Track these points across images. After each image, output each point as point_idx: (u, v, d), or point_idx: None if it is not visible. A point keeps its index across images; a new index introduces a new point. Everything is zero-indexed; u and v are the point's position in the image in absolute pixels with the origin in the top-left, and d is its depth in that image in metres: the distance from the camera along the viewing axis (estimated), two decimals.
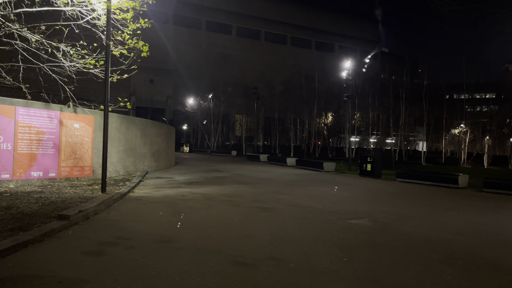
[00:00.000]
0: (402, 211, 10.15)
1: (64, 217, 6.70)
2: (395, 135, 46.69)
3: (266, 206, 10.02)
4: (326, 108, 51.70)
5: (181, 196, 11.09)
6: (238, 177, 18.13)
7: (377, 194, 13.83)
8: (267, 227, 7.52)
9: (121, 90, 47.74)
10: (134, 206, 9.24)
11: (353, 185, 16.73)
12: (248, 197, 11.55)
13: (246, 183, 15.52)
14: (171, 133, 23.09)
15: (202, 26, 68.79)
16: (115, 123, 15.38)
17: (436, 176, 17.15)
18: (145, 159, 17.77)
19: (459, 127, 40.25)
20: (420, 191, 15.28)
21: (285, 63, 69.53)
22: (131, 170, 16.54)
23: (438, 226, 8.31)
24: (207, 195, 11.50)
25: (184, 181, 15.08)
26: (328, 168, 23.78)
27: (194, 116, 54.47)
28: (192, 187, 13.30)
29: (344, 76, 25.18)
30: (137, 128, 17.04)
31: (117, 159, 15.56)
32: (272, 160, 31.35)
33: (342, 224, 8.01)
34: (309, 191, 13.62)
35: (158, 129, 19.40)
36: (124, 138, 16.00)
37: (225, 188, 13.40)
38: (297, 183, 16.52)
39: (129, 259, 5.10)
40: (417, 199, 13.03)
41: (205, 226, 7.39)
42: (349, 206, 10.67)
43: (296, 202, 10.86)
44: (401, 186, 16.85)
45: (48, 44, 9.51)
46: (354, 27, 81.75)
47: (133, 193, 11.28)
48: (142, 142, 17.46)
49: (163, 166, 20.28)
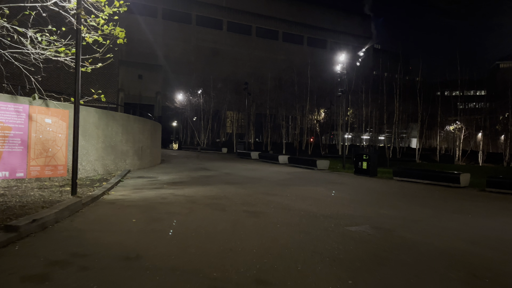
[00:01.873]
0: (404, 215, 9.21)
1: (11, 229, 5.59)
2: (388, 132, 46.00)
3: (255, 210, 9.00)
4: (319, 105, 50.81)
5: (161, 199, 10.01)
6: (226, 176, 17.08)
7: (375, 195, 12.89)
8: (255, 237, 6.50)
9: (109, 85, 46.26)
10: (105, 212, 8.15)
11: (349, 184, 15.79)
12: (236, 199, 10.52)
13: (234, 183, 14.48)
14: (157, 129, 21.92)
15: (192, 20, 67.34)
16: (93, 118, 14.22)
17: (436, 175, 16.29)
18: (127, 157, 16.62)
19: (454, 123, 39.63)
20: (420, 191, 14.40)
21: (277, 59, 68.54)
22: (112, 169, 15.39)
23: (447, 233, 7.38)
24: (191, 198, 10.44)
25: (167, 181, 13.99)
26: (322, 166, 22.85)
27: (183, 113, 53.17)
28: (175, 188, 12.22)
29: (339, 70, 24.21)
30: (118, 124, 15.88)
31: (96, 157, 14.40)
32: (263, 158, 30.33)
33: (341, 232, 7.03)
34: (302, 192, 12.63)
35: (142, 125, 18.22)
36: (103, 135, 14.84)
37: (211, 189, 12.34)
38: (289, 182, 15.53)
39: (78, 286, 4.04)
40: (418, 200, 12.12)
41: (184, 236, 6.35)
42: (346, 209, 9.70)
43: (288, 205, 9.85)
44: (399, 186, 15.96)
45: (13, 29, 8.39)
46: (346, 23, 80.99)
47: (108, 196, 10.17)
48: (124, 139, 16.31)
49: (147, 164, 19.13)
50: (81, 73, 9.86)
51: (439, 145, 40.50)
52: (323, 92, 48.61)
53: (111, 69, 45.66)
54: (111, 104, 39.05)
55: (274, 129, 52.66)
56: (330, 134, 54.84)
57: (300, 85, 48.36)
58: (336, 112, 48.90)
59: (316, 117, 51.06)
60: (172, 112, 55.42)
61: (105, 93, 45.25)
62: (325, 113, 52.32)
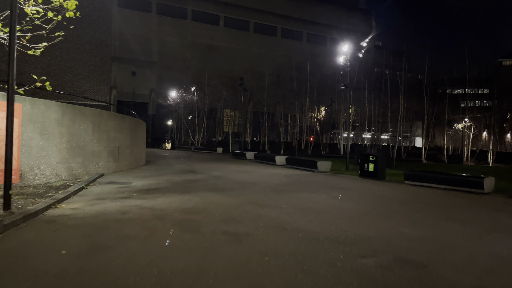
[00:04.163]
0: (432, 235, 7.09)
1: None
2: (392, 130, 43.86)
3: (238, 230, 6.87)
4: (319, 102, 48.65)
5: (121, 214, 7.87)
6: (214, 180, 14.93)
7: (387, 204, 10.75)
8: (230, 281, 4.38)
9: (101, 82, 44.09)
10: (33, 236, 6.02)
11: (355, 190, 13.64)
12: (217, 213, 8.38)
13: (221, 189, 12.33)
14: (139, 127, 19.73)
15: (188, 16, 65.13)
16: (55, 114, 12.07)
17: (455, 179, 14.14)
18: (99, 159, 14.46)
19: (463, 121, 37.46)
20: (439, 198, 12.27)
21: (275, 55, 66.33)
22: (79, 173, 13.24)
23: (504, 268, 5.24)
24: (160, 212, 8.30)
25: (141, 188, 11.83)
26: (323, 168, 20.70)
27: (177, 110, 50.95)
28: (145, 198, 10.07)
29: (341, 62, 22.05)
30: (88, 120, 13.72)
31: (58, 159, 12.25)
32: (259, 159, 28.14)
33: (355, 270, 4.90)
34: (301, 201, 10.49)
35: (119, 122, 16.03)
36: (69, 133, 12.68)
37: (190, 199, 10.19)
38: (286, 188, 13.38)
39: None
40: (441, 211, 9.99)
41: (120, 283, 4.21)
42: (356, 225, 7.58)
43: (283, 222, 7.73)
44: (412, 191, 13.81)
45: None
46: (347, 19, 78.77)
47: (55, 210, 8.03)
48: (96, 138, 14.14)
49: (126, 166, 16.96)
50: (74, 70, 7.73)
51: (446, 144, 38.36)
52: (323, 89, 46.44)
53: (103, 66, 43.52)
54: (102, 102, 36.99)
55: (272, 127, 50.49)
56: (331, 132, 52.60)
57: (299, 82, 46.19)
58: (337, 109, 46.74)
59: (316, 115, 48.90)
60: (165, 110, 53.19)
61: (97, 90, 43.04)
62: (325, 111, 50.15)
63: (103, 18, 42.40)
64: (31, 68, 38.40)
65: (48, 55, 38.65)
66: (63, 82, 39.60)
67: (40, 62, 38.62)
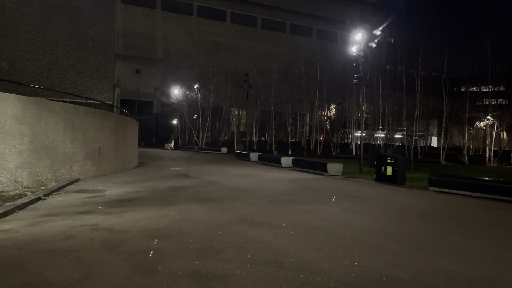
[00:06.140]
0: (489, 275, 4.95)
1: None
2: (407, 129, 41.30)
3: (213, 269, 4.80)
4: (329, 100, 46.28)
5: (63, 240, 5.86)
6: (206, 187, 12.87)
7: (415, 221, 8.56)
8: None
9: (104, 81, 42.35)
10: None
11: (372, 199, 11.45)
12: (194, 236, 6.32)
13: (210, 199, 10.25)
14: (127, 126, 17.72)
15: (194, 12, 63.23)
16: (12, 109, 10.15)
17: (493, 185, 11.87)
18: (74, 162, 12.52)
19: (486, 119, 34.80)
20: (476, 211, 10.05)
21: (284, 52, 64.05)
22: (46, 178, 11.30)
23: None
24: (116, 235, 6.26)
25: (113, 198, 9.81)
26: (334, 171, 18.51)
27: (181, 109, 49.05)
28: (111, 213, 8.05)
29: (354, 52, 19.82)
30: (59, 118, 11.78)
31: (18, 163, 10.33)
32: (264, 160, 25.99)
33: None
34: (306, 217, 8.37)
35: (99, 119, 14.03)
36: (32, 132, 10.75)
37: (166, 214, 8.14)
38: (289, 197, 11.26)
39: None
40: (487, 230, 7.80)
41: None
42: (380, 258, 5.47)
43: (279, 252, 5.63)
44: (441, 201, 11.58)
45: None
46: (359, 14, 75.98)
47: None
48: (69, 138, 12.20)
49: (110, 170, 14.99)
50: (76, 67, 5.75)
51: (466, 144, 35.70)
52: (333, 86, 44.07)
53: (106, 64, 41.85)
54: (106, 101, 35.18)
55: (280, 126, 48.27)
56: (341, 131, 50.11)
57: (308, 79, 43.89)
58: (349, 107, 44.34)
59: (326, 113, 46.56)
60: (168, 108, 51.33)
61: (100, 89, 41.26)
62: (336, 109, 47.78)
63: (106, 14, 40.77)
64: (33, 66, 37.07)
65: (50, 52, 37.26)
66: (65, 80, 38.14)
67: (41, 60, 37.30)
